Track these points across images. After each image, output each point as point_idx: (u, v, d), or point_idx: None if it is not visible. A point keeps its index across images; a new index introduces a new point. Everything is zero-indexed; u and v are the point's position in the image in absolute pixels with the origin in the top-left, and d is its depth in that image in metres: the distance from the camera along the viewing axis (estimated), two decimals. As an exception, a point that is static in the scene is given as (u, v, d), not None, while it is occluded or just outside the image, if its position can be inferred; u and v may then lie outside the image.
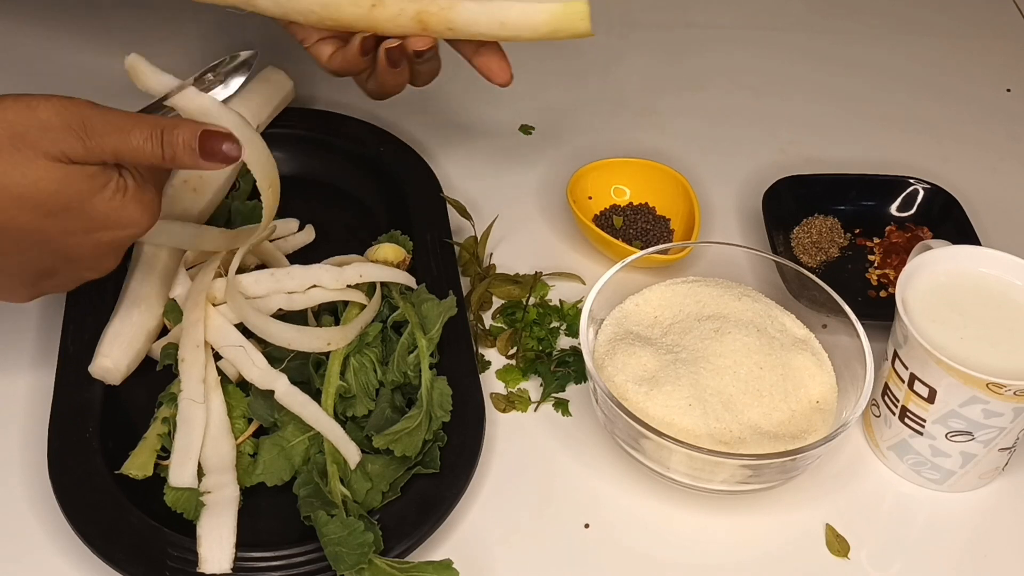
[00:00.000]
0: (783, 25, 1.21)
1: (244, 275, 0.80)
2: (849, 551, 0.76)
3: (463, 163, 1.00)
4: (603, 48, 1.16)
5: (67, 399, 0.75)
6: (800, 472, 0.75)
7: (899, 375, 0.76)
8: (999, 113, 1.12)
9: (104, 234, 0.66)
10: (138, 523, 0.69)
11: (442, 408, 0.75)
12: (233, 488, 0.72)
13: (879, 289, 0.92)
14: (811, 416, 0.77)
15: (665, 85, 1.13)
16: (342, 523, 0.68)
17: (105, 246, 0.67)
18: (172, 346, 0.78)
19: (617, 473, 0.79)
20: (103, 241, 0.67)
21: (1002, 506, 0.79)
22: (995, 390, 0.72)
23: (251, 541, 0.69)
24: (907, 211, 0.96)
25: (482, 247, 0.91)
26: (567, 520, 0.76)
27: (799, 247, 0.94)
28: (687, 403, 0.75)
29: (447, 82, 1.09)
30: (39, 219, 0.64)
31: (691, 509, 0.77)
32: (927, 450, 0.77)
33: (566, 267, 0.92)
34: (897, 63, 1.17)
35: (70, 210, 0.64)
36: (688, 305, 0.82)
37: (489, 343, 0.86)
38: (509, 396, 0.83)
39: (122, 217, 0.66)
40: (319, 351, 0.77)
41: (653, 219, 0.95)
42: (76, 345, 0.78)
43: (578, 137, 1.05)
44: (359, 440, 0.74)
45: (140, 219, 0.67)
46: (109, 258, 0.69)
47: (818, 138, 1.07)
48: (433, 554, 0.72)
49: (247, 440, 0.75)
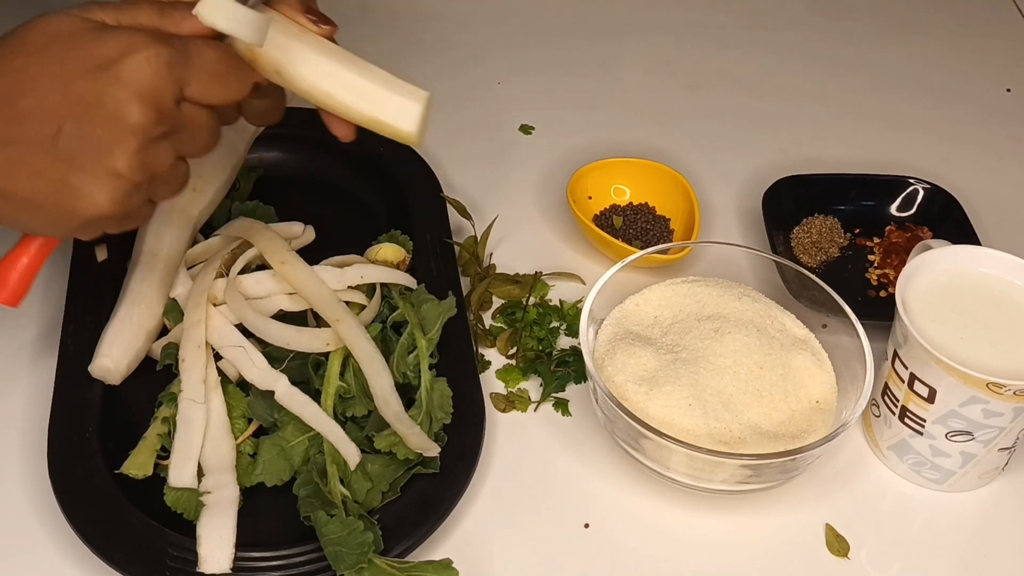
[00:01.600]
0: (783, 25, 1.21)
1: (245, 276, 0.80)
2: (849, 551, 0.76)
3: (463, 163, 1.00)
4: (603, 48, 1.16)
5: (67, 399, 0.75)
6: (800, 472, 0.75)
7: (899, 375, 0.76)
8: (999, 113, 1.12)
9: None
10: (138, 523, 0.69)
11: (442, 410, 0.75)
12: (233, 488, 0.72)
13: (879, 289, 0.92)
14: (811, 416, 0.77)
15: (665, 85, 1.13)
16: (342, 523, 0.68)
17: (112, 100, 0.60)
18: (172, 346, 0.78)
19: (617, 473, 0.79)
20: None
21: (1002, 506, 0.79)
22: (995, 390, 0.72)
23: (251, 541, 0.69)
24: (907, 211, 0.96)
25: (482, 247, 0.91)
26: (567, 520, 0.76)
27: (799, 247, 0.94)
28: (687, 403, 0.75)
29: (447, 82, 1.10)
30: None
31: (691, 509, 0.77)
32: (927, 450, 0.77)
33: (566, 267, 0.92)
34: (897, 63, 1.17)
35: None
36: (688, 305, 0.82)
37: (489, 343, 0.86)
38: (509, 396, 0.83)
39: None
40: (318, 351, 0.77)
41: (653, 219, 0.95)
42: (76, 345, 0.78)
43: (578, 137, 1.04)
44: (359, 440, 0.74)
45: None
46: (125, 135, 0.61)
47: (818, 138, 1.07)
48: (433, 554, 0.72)
49: (247, 440, 0.75)
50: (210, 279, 0.79)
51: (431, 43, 1.14)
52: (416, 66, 1.11)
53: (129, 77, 0.60)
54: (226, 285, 0.79)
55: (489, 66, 1.12)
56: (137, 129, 0.60)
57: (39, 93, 0.60)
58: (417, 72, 1.09)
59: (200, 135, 0.65)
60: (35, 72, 0.60)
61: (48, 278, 0.86)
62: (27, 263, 0.66)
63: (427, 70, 1.10)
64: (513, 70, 1.12)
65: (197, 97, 0.63)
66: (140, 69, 0.60)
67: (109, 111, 0.60)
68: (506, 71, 1.12)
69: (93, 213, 0.61)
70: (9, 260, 0.66)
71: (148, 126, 0.61)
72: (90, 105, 0.60)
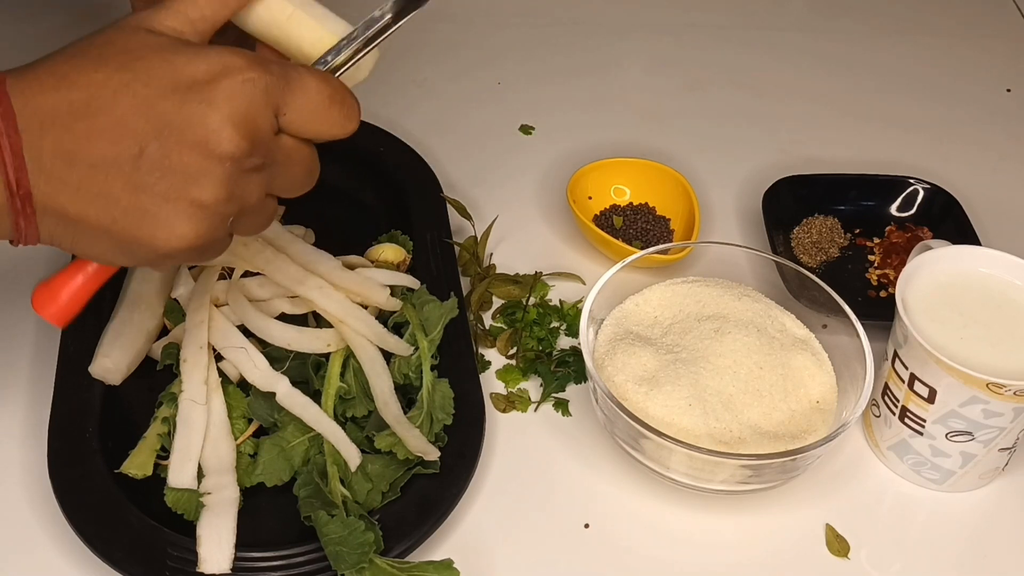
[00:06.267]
0: (783, 25, 1.21)
1: (248, 279, 0.80)
2: (849, 551, 0.76)
3: (463, 163, 1.00)
4: (603, 48, 1.16)
5: (67, 399, 0.75)
6: (800, 472, 0.75)
7: (899, 375, 0.76)
8: (999, 113, 1.12)
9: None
10: (138, 523, 0.69)
11: (444, 411, 0.75)
12: (233, 489, 0.72)
13: (879, 289, 0.92)
14: (811, 416, 0.77)
15: (665, 85, 1.13)
16: (342, 523, 0.68)
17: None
18: (173, 346, 0.78)
19: (617, 473, 0.79)
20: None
21: (1002, 506, 0.79)
22: (995, 390, 0.72)
23: (251, 541, 0.69)
24: (907, 211, 0.96)
25: (482, 247, 0.91)
26: (567, 520, 0.76)
27: (799, 247, 0.94)
28: (687, 403, 0.75)
29: (448, 82, 1.10)
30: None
31: (691, 509, 0.77)
32: (927, 450, 0.77)
33: (566, 267, 0.92)
34: (897, 63, 1.17)
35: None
36: (688, 305, 0.82)
37: (489, 343, 0.86)
38: (509, 396, 0.83)
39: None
40: (319, 352, 0.77)
41: (653, 219, 0.95)
42: (76, 345, 0.78)
43: (578, 137, 1.05)
44: (359, 441, 0.74)
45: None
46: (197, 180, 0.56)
47: (818, 138, 1.07)
48: (433, 554, 0.72)
49: (247, 440, 0.75)
50: (213, 280, 0.79)
51: (431, 44, 1.14)
52: (417, 67, 1.11)
53: (223, 101, 0.55)
54: (229, 287, 0.79)
55: (489, 66, 1.12)
56: (227, 158, 0.55)
57: (120, 110, 0.54)
58: (418, 73, 1.10)
59: (296, 170, 0.60)
60: (116, 87, 0.55)
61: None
62: (81, 283, 0.61)
63: (428, 71, 1.11)
64: (513, 70, 1.12)
65: (295, 129, 0.58)
66: (236, 93, 0.55)
67: (199, 136, 0.55)
68: (506, 71, 1.12)
69: (172, 247, 0.56)
70: (64, 276, 0.61)
71: (240, 156, 0.56)
72: (177, 128, 0.55)
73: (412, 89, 1.09)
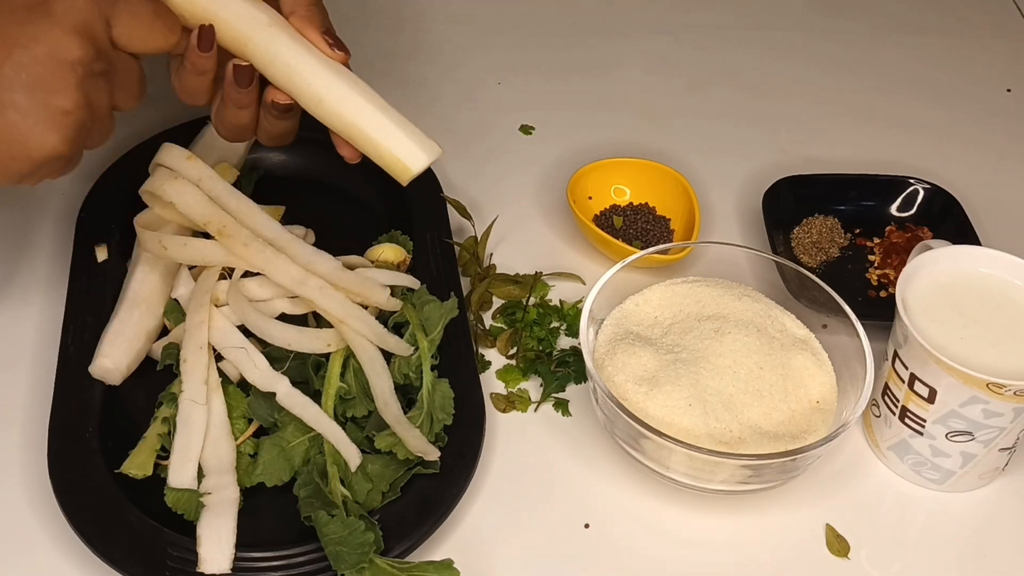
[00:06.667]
0: (783, 25, 1.21)
1: (248, 279, 0.80)
2: (849, 551, 0.76)
3: (463, 163, 1.00)
4: (603, 48, 1.16)
5: (67, 399, 0.75)
6: (800, 472, 0.75)
7: (899, 375, 0.76)
8: (999, 113, 1.12)
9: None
10: (138, 523, 0.69)
11: (444, 411, 0.75)
12: (233, 489, 0.72)
13: (879, 289, 0.92)
14: (811, 416, 0.77)
15: (665, 85, 1.13)
16: (343, 523, 0.68)
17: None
18: (173, 346, 0.78)
19: (617, 473, 0.79)
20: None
21: (1002, 506, 0.79)
22: (995, 390, 0.72)
23: (251, 541, 0.69)
24: (907, 211, 0.96)
25: (482, 247, 0.91)
26: (567, 520, 0.76)
27: (799, 247, 0.94)
28: (687, 403, 0.75)
29: (447, 82, 1.10)
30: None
31: (691, 509, 0.77)
32: (927, 450, 0.77)
33: (566, 267, 0.92)
34: (897, 63, 1.17)
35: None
36: (688, 305, 0.82)
37: (489, 343, 0.86)
38: (509, 396, 0.83)
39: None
40: (319, 352, 0.77)
41: (653, 219, 0.95)
42: (76, 345, 0.78)
43: (578, 137, 1.04)
44: (359, 440, 0.74)
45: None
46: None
47: (818, 138, 1.07)
48: (433, 554, 0.72)
49: (247, 440, 0.75)
50: (213, 280, 0.79)
51: (432, 43, 1.14)
52: (417, 67, 1.11)
53: (62, 14, 0.61)
54: (229, 287, 0.79)
55: (489, 66, 1.12)
56: (77, 62, 0.61)
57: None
58: (418, 73, 1.10)
59: (130, 80, 0.66)
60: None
61: (48, 278, 0.86)
62: None
63: (427, 70, 1.11)
64: (513, 70, 1.12)
65: (124, 42, 0.64)
66: (71, 7, 0.61)
67: (47, 49, 0.61)
68: (506, 71, 1.12)
69: (45, 154, 0.62)
70: None
71: (88, 59, 0.62)
72: (26, 46, 0.60)
73: (411, 89, 1.09)
